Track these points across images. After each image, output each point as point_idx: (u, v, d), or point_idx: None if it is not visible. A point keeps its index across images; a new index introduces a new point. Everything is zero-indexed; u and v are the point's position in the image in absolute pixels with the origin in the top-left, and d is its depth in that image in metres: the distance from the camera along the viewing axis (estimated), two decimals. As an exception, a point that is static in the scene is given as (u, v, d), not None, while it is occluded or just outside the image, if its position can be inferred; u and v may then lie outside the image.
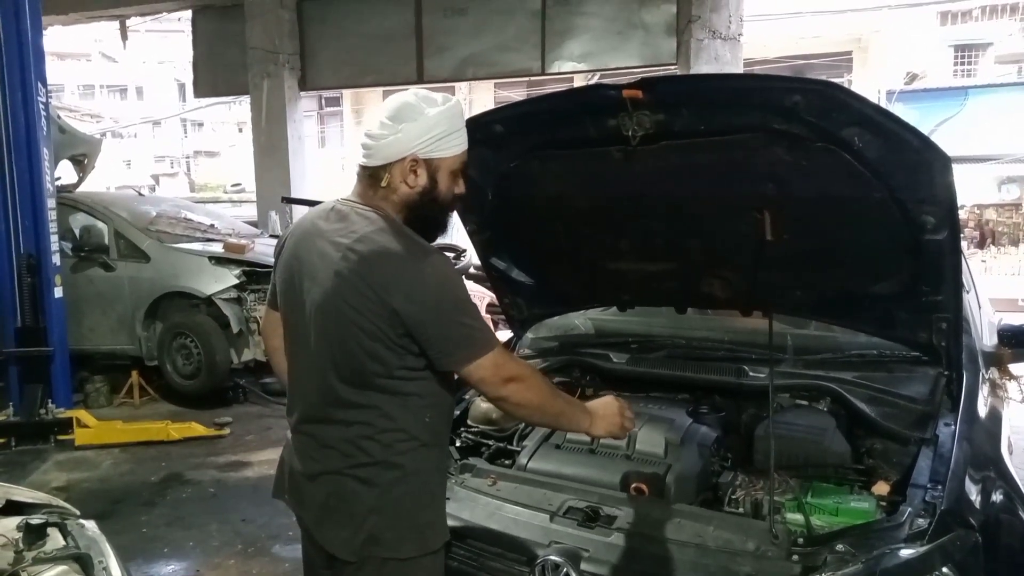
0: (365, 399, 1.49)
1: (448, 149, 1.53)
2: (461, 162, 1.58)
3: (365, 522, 1.50)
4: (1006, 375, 2.41)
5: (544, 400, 1.55)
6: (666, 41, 6.93)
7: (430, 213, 1.57)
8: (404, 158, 1.51)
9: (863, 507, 1.75)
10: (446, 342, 1.46)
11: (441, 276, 1.48)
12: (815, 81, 1.69)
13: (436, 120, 1.51)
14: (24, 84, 5.11)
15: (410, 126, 1.49)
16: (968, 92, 17.35)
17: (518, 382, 1.51)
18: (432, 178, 1.54)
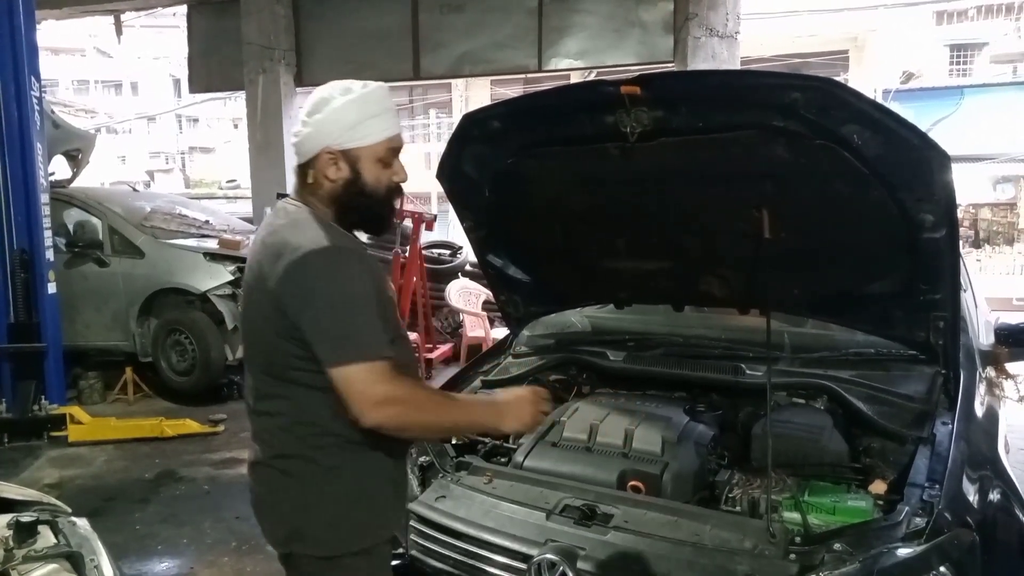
0: (281, 390, 1.48)
1: (366, 137, 1.48)
2: (388, 149, 1.51)
3: (287, 515, 1.51)
4: (1003, 374, 2.41)
5: (430, 418, 1.47)
6: (663, 39, 6.92)
7: (360, 205, 1.52)
8: (320, 152, 1.48)
9: (860, 506, 1.75)
10: (320, 336, 1.38)
11: (333, 268, 1.41)
12: (814, 78, 1.68)
13: (344, 109, 1.47)
14: (17, 78, 5.08)
15: (320, 118, 1.47)
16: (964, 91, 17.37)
17: (394, 405, 1.38)
18: (354, 169, 1.49)
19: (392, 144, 1.52)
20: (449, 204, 2.53)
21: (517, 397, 1.57)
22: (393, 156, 1.53)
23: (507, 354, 2.81)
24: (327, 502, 1.49)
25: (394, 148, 1.53)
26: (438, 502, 1.94)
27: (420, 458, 2.14)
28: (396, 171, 1.55)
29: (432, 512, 1.91)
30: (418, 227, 6.70)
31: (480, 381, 2.61)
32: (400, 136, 1.54)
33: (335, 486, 1.49)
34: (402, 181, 1.56)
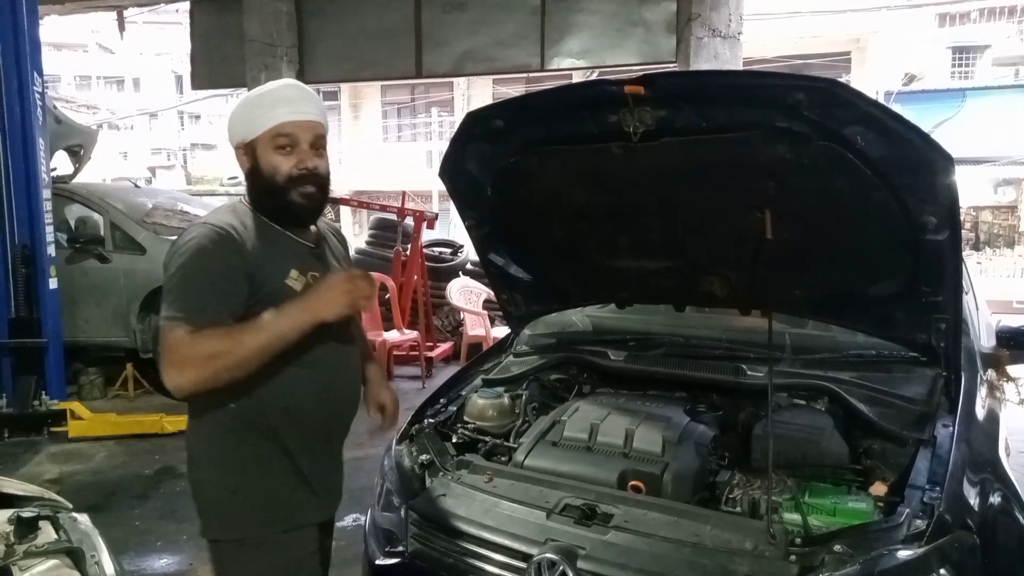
0: None
1: (260, 127, 1.58)
2: (275, 135, 1.57)
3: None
4: (1004, 376, 2.41)
5: (232, 359, 1.43)
6: (666, 39, 6.92)
7: (262, 191, 1.61)
8: (235, 150, 1.63)
9: (861, 507, 1.74)
10: (162, 298, 1.49)
11: (185, 240, 1.52)
12: (818, 79, 1.68)
13: (244, 104, 1.62)
14: (20, 74, 5.08)
15: (231, 117, 1.63)
16: (966, 94, 17.37)
17: (189, 366, 1.42)
18: (254, 158, 1.60)
19: (280, 131, 1.57)
20: (450, 202, 2.53)
21: (327, 284, 1.55)
22: (288, 143, 1.58)
23: (508, 353, 2.81)
24: (201, 490, 1.63)
25: (284, 134, 1.57)
26: (438, 500, 1.93)
27: (421, 456, 2.14)
28: (300, 158, 1.59)
29: (432, 510, 1.91)
30: (419, 225, 6.70)
31: (481, 380, 2.61)
32: (293, 124, 1.58)
33: (205, 475, 1.62)
34: (308, 168, 1.59)
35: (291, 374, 1.57)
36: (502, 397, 2.43)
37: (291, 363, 1.56)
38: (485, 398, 2.41)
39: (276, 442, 1.60)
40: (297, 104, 1.59)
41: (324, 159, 1.65)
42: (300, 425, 1.62)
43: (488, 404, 2.40)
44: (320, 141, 1.63)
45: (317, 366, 1.61)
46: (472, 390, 2.53)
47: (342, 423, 1.75)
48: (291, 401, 1.59)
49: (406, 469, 2.13)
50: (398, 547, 1.95)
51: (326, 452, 1.71)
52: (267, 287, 1.54)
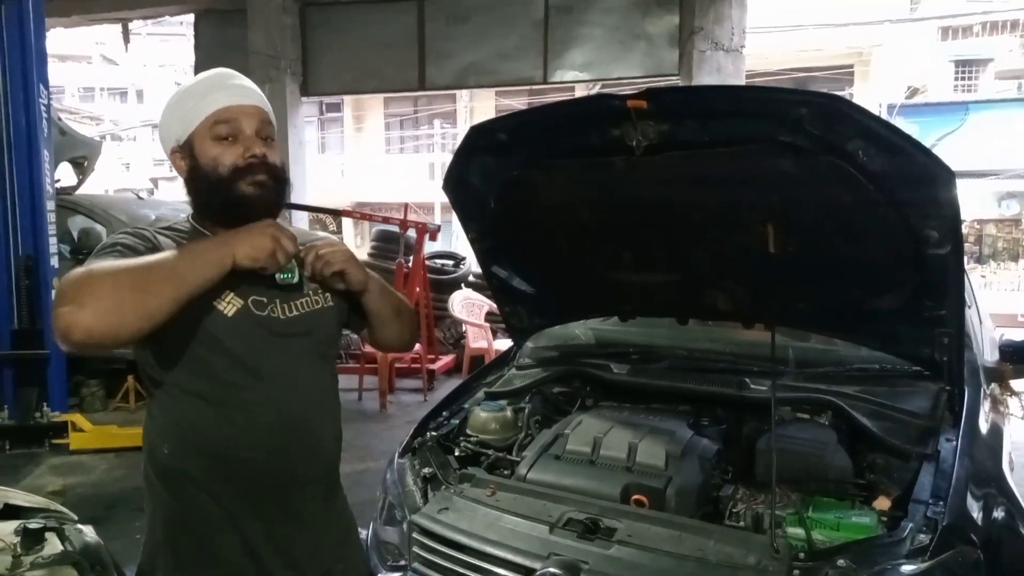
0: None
1: (195, 119, 1.35)
2: (213, 123, 1.35)
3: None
4: (1007, 391, 2.41)
5: (133, 274, 1.18)
6: (668, 52, 6.95)
7: (205, 191, 1.37)
8: (171, 155, 1.40)
9: (864, 522, 1.74)
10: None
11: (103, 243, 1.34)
12: (820, 94, 1.69)
13: (174, 101, 1.40)
14: (26, 86, 5.11)
15: (161, 121, 1.41)
16: (969, 107, 17.40)
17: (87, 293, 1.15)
18: (192, 156, 1.37)
19: (218, 117, 1.35)
20: (453, 214, 2.54)
21: (250, 227, 1.29)
22: (229, 130, 1.35)
23: (511, 366, 2.81)
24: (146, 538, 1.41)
25: (223, 121, 1.35)
26: (440, 514, 1.93)
27: (423, 470, 2.14)
28: (246, 145, 1.35)
29: (434, 524, 1.90)
30: (422, 237, 6.71)
31: (484, 392, 2.61)
32: (232, 109, 1.36)
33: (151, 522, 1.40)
34: (255, 156, 1.35)
35: (227, 417, 1.33)
36: (505, 410, 2.43)
37: (228, 403, 1.33)
38: (488, 411, 2.41)
39: (215, 501, 1.34)
40: (235, 89, 1.39)
41: (275, 150, 1.41)
42: (240, 479, 1.34)
43: (491, 417, 2.40)
44: (267, 130, 1.40)
45: (261, 409, 1.34)
46: (475, 403, 2.53)
47: (302, 476, 1.41)
48: (223, 448, 1.33)
49: (408, 483, 2.12)
50: (400, 561, 1.95)
51: (285, 514, 1.39)
52: (189, 308, 1.24)
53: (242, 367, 1.33)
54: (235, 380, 1.33)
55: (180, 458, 1.34)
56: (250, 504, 1.35)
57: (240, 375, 1.33)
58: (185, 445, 1.33)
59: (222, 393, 1.32)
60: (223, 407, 1.33)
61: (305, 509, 1.42)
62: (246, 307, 1.34)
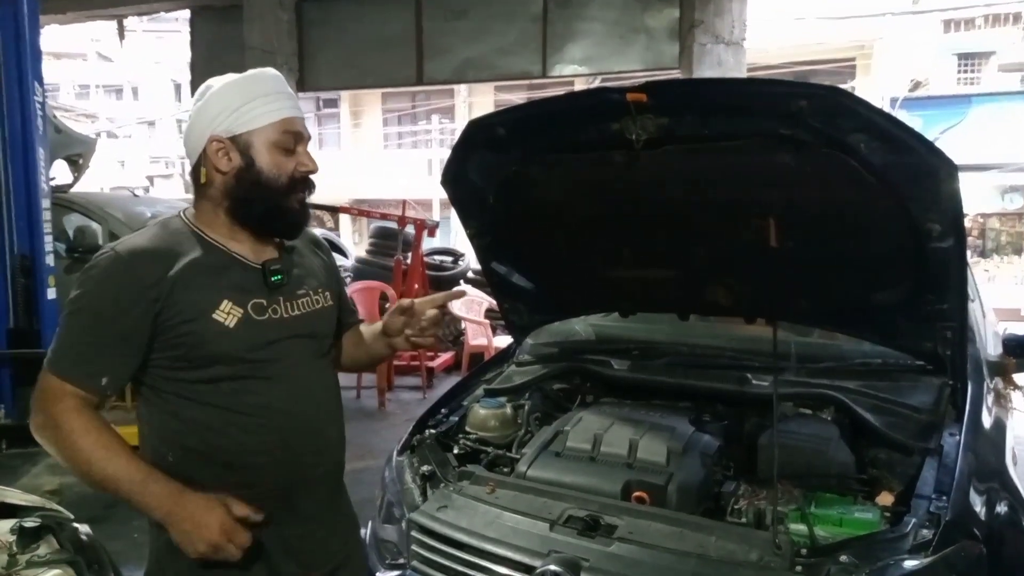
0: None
1: (255, 119, 1.34)
2: (282, 132, 1.36)
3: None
4: (1011, 385, 2.40)
5: (81, 465, 1.24)
6: (669, 45, 6.92)
7: (257, 196, 1.36)
8: (208, 142, 1.35)
9: (867, 517, 1.73)
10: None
11: (89, 267, 1.31)
12: (821, 86, 1.67)
13: (226, 91, 1.36)
14: (21, 83, 5.08)
15: (201, 104, 1.36)
16: (971, 100, 17.39)
17: (46, 430, 1.25)
18: (247, 155, 1.34)
19: (287, 127, 1.37)
20: (451, 211, 2.52)
21: (206, 517, 1.22)
22: (293, 142, 1.38)
23: (510, 362, 2.80)
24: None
25: (291, 132, 1.37)
26: (440, 512, 1.92)
27: (422, 467, 2.13)
28: (301, 160, 1.38)
29: (434, 522, 1.89)
30: (420, 234, 6.70)
31: (483, 389, 2.60)
32: (297, 121, 1.39)
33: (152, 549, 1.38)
34: (310, 171, 1.40)
35: (234, 422, 1.32)
36: (504, 407, 2.42)
37: (234, 408, 1.32)
38: (487, 408, 2.40)
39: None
40: (294, 99, 1.41)
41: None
42: (248, 484, 1.33)
43: (490, 414, 2.38)
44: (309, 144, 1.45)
45: (268, 412, 1.34)
46: (474, 400, 2.51)
47: (310, 477, 1.42)
48: (232, 454, 1.33)
49: (407, 480, 2.11)
50: (399, 560, 1.94)
51: (294, 515, 1.40)
52: (187, 325, 1.28)
53: (247, 373, 1.32)
54: (242, 386, 1.32)
55: (186, 466, 1.31)
56: (258, 507, 1.32)
57: (246, 381, 1.33)
58: (191, 453, 1.32)
59: (228, 400, 1.32)
60: (230, 413, 1.32)
61: (313, 509, 1.42)
62: (247, 314, 1.33)
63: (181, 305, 1.29)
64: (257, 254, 1.41)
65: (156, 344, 1.29)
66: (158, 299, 1.27)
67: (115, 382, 1.30)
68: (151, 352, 1.30)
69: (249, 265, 1.39)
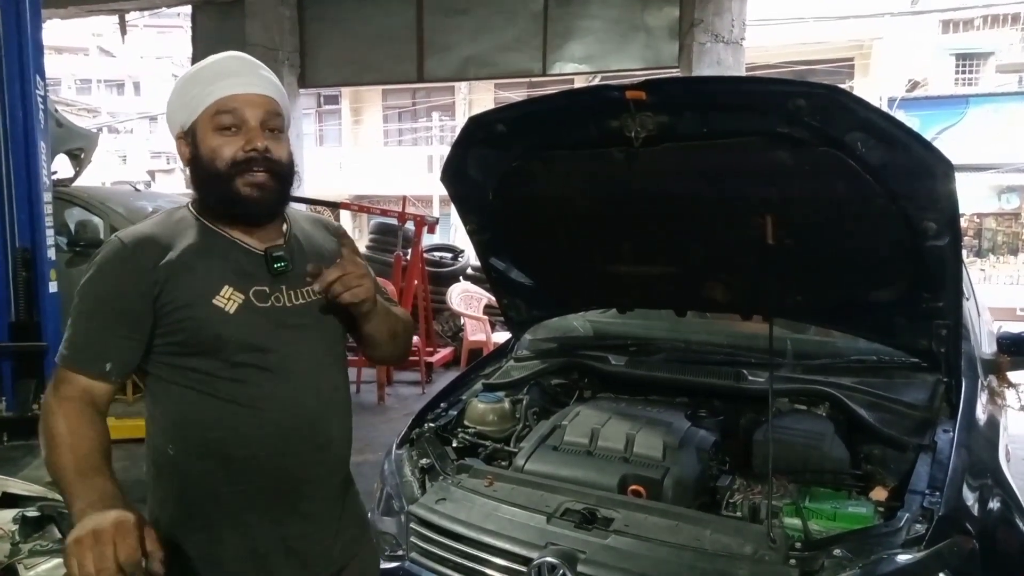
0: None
1: (199, 106, 1.29)
2: (215, 113, 1.29)
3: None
4: (1005, 383, 2.41)
5: (48, 455, 1.21)
6: (668, 44, 6.93)
7: (203, 183, 1.32)
8: (176, 140, 1.34)
9: (861, 512, 1.75)
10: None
11: (94, 256, 1.31)
12: (819, 85, 1.68)
13: (178, 86, 1.33)
14: (23, 77, 5.09)
15: (168, 103, 1.35)
16: (969, 101, 17.40)
17: (42, 412, 1.25)
18: (194, 144, 1.31)
19: (222, 107, 1.28)
20: (451, 207, 2.53)
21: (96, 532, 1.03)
22: (231, 120, 1.29)
23: (509, 358, 2.81)
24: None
25: (227, 111, 1.28)
26: (438, 504, 1.94)
27: (421, 460, 2.15)
28: (248, 138, 1.28)
29: (432, 515, 1.91)
30: (420, 230, 6.70)
31: (482, 384, 2.62)
32: (238, 97, 1.29)
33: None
34: (255, 150, 1.28)
35: (232, 413, 1.27)
36: (503, 402, 2.43)
37: (233, 399, 1.27)
38: (486, 402, 2.42)
39: (221, 502, 1.29)
40: (243, 76, 1.32)
41: (281, 143, 1.34)
42: (247, 480, 1.29)
43: (489, 408, 2.40)
44: (274, 120, 1.32)
45: (267, 405, 1.29)
46: (472, 395, 2.53)
47: (313, 476, 1.35)
48: (230, 448, 1.28)
49: (406, 473, 2.13)
50: (398, 552, 1.95)
51: (296, 515, 1.33)
52: (187, 310, 1.25)
53: (249, 363, 1.28)
54: (241, 376, 1.28)
55: (186, 459, 1.29)
56: (258, 506, 1.29)
57: (246, 371, 1.28)
58: (190, 445, 1.29)
59: (229, 390, 1.27)
60: (230, 404, 1.27)
61: (316, 509, 1.36)
62: (248, 300, 1.29)
63: (181, 290, 1.26)
64: (261, 240, 1.35)
65: (158, 330, 1.27)
66: (157, 282, 1.25)
67: (119, 368, 1.27)
68: (153, 338, 1.28)
69: (252, 251, 1.34)
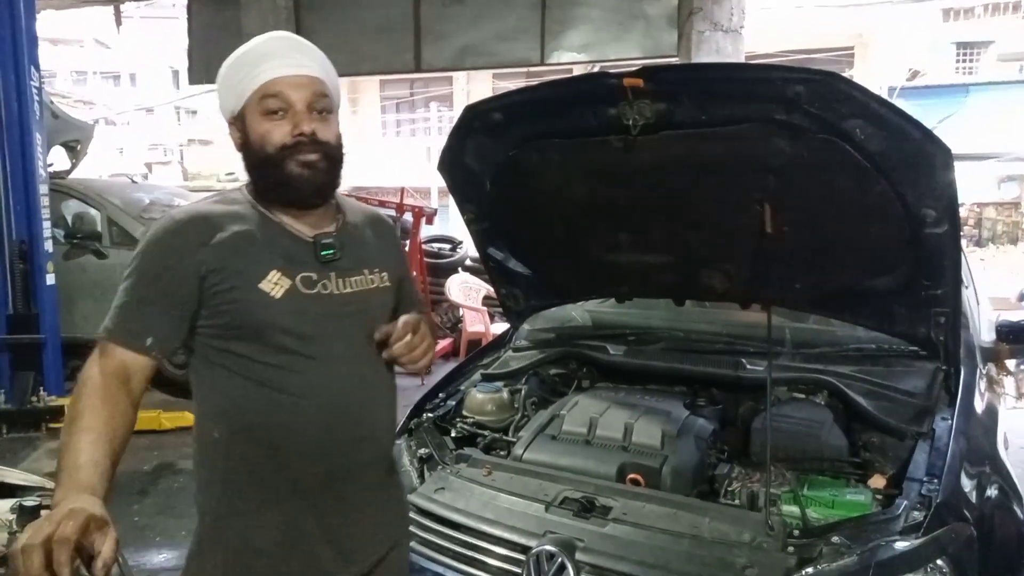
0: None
1: (245, 90, 1.30)
2: (262, 97, 1.29)
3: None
4: (1004, 371, 2.41)
5: (68, 418, 1.19)
6: (667, 33, 6.89)
7: (254, 168, 1.33)
8: (229, 126, 1.36)
9: (859, 500, 1.75)
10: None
11: (147, 230, 1.31)
12: (818, 71, 1.67)
13: (227, 71, 1.33)
14: (17, 68, 5.07)
15: (217, 86, 1.35)
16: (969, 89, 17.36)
17: (80, 380, 1.22)
18: (243, 130, 1.32)
19: (267, 91, 1.28)
20: (449, 198, 2.52)
21: (50, 513, 1.07)
22: (279, 104, 1.28)
23: (507, 348, 2.81)
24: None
25: (271, 94, 1.28)
26: (437, 494, 1.94)
27: (419, 450, 2.15)
28: (296, 122, 1.28)
29: (431, 504, 1.91)
30: (418, 221, 6.70)
31: (480, 374, 2.61)
32: (281, 81, 1.28)
33: (199, 541, 1.34)
34: (303, 134, 1.28)
35: (276, 401, 1.27)
36: (501, 391, 2.43)
37: (277, 387, 1.27)
38: (484, 392, 2.41)
39: (264, 489, 1.29)
40: (287, 57, 1.30)
41: (330, 124, 1.33)
42: (290, 468, 1.29)
43: (487, 398, 2.40)
44: (322, 101, 1.31)
45: (311, 394, 1.28)
46: (471, 385, 2.53)
47: (355, 465, 1.35)
48: (274, 435, 1.28)
49: (405, 463, 2.13)
50: None
51: (338, 504, 1.34)
52: (232, 292, 1.25)
53: (293, 350, 1.27)
54: (285, 363, 1.27)
55: (231, 444, 1.29)
56: (301, 493, 1.29)
57: (290, 358, 1.27)
58: (235, 430, 1.28)
59: (271, 376, 1.26)
60: (274, 392, 1.27)
61: (359, 498, 1.35)
62: (294, 286, 1.28)
63: (228, 271, 1.25)
64: (312, 228, 1.35)
65: (203, 310, 1.26)
66: (205, 262, 1.24)
67: (160, 344, 1.25)
68: (198, 318, 1.27)
69: (301, 237, 1.33)
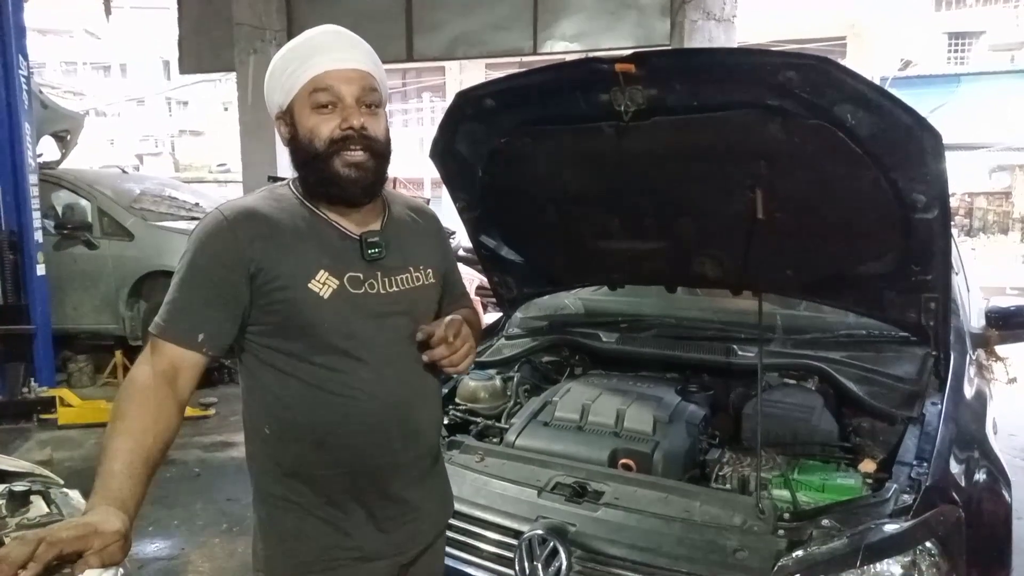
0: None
1: (295, 85, 1.29)
2: (312, 91, 1.28)
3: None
4: (993, 356, 2.43)
5: (112, 414, 1.20)
6: (660, 22, 6.88)
7: (302, 163, 1.32)
8: (277, 121, 1.35)
9: (849, 483, 1.76)
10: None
11: (196, 227, 1.31)
12: (809, 56, 1.66)
13: (277, 65, 1.32)
14: (5, 58, 5.04)
15: (266, 81, 1.35)
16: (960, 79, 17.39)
17: (129, 376, 1.24)
18: (292, 125, 1.31)
19: (317, 85, 1.27)
20: (442, 189, 2.51)
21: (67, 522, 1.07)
22: (329, 98, 1.28)
23: (500, 336, 2.81)
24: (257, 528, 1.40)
25: (321, 88, 1.27)
26: (430, 480, 1.93)
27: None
28: (345, 116, 1.27)
29: (424, 490, 1.90)
30: (411, 211, 6.67)
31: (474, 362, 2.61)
32: (332, 74, 1.27)
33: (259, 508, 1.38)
34: (352, 129, 1.27)
35: (324, 401, 1.28)
36: (494, 379, 2.43)
37: (325, 387, 1.28)
38: (477, 380, 2.42)
39: (313, 485, 1.31)
40: (338, 51, 1.29)
41: (379, 119, 1.32)
42: (338, 466, 1.30)
43: (480, 386, 2.40)
44: (371, 96, 1.30)
45: (359, 394, 1.29)
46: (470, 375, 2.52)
47: (402, 462, 1.36)
48: (321, 434, 1.29)
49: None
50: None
51: (385, 499, 1.35)
52: (283, 292, 1.25)
53: (340, 350, 1.27)
54: (333, 364, 1.27)
55: (280, 441, 1.30)
56: (349, 489, 1.31)
57: (338, 358, 1.27)
58: (285, 427, 1.30)
59: (319, 376, 1.27)
60: (321, 391, 1.27)
61: (406, 492, 1.37)
62: (342, 286, 1.28)
63: (278, 271, 1.25)
64: (359, 225, 1.34)
65: (253, 310, 1.27)
66: (254, 259, 1.24)
67: (212, 341, 1.25)
68: (249, 317, 1.27)
69: (348, 235, 1.33)
